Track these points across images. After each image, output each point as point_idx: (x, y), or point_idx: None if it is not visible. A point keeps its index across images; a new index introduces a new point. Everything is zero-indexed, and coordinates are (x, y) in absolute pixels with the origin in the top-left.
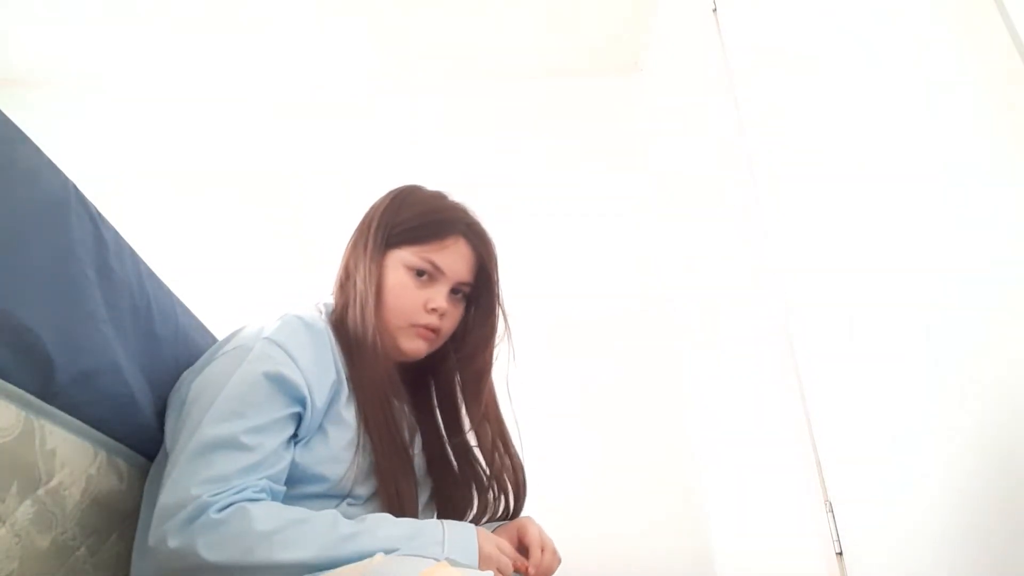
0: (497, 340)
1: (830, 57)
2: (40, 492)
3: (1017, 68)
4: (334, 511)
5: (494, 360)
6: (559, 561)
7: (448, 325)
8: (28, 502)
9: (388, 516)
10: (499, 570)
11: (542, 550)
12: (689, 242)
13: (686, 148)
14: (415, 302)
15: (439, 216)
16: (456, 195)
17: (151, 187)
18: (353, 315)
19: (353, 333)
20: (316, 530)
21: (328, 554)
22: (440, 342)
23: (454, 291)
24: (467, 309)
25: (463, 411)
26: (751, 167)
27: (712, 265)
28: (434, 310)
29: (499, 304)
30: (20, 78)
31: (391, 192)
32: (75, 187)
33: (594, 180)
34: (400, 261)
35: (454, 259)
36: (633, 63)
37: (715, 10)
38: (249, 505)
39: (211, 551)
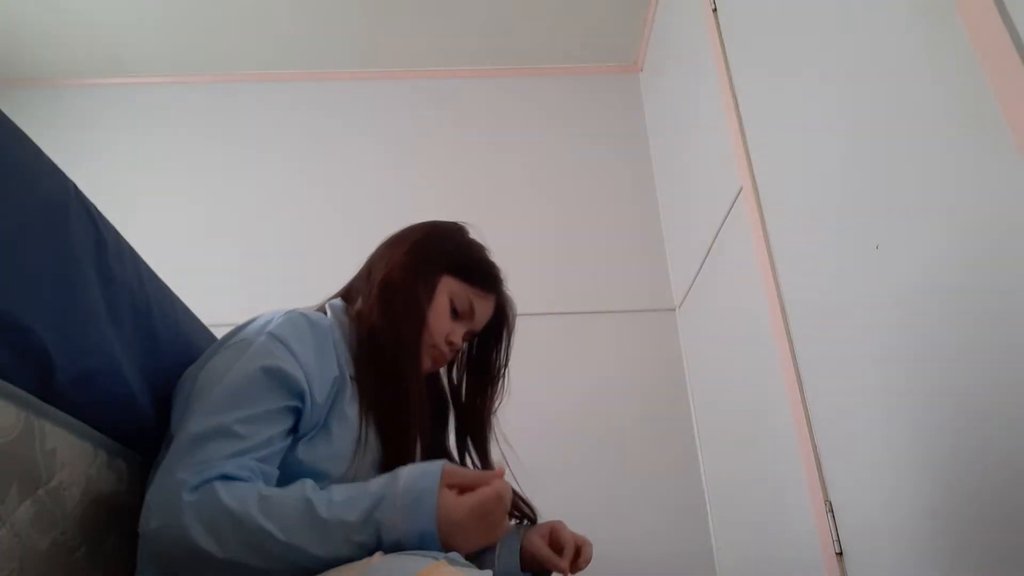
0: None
1: (830, 57)
2: (40, 492)
3: (1017, 68)
4: (305, 482)
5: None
6: (591, 549)
7: (449, 359)
8: (28, 502)
9: (355, 489)
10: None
11: (579, 547)
12: (689, 243)
13: (686, 148)
14: (443, 328)
15: (490, 269)
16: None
17: (151, 186)
18: (405, 322)
19: (402, 339)
20: (282, 506)
21: (290, 534)
22: (433, 371)
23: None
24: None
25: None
26: (751, 167)
27: (713, 266)
28: (452, 343)
29: (506, 366)
30: (21, 78)
31: (452, 223)
32: (75, 187)
33: (594, 179)
34: (448, 288)
35: (484, 311)
36: (633, 63)
37: (715, 10)
38: (219, 484)
39: (188, 529)
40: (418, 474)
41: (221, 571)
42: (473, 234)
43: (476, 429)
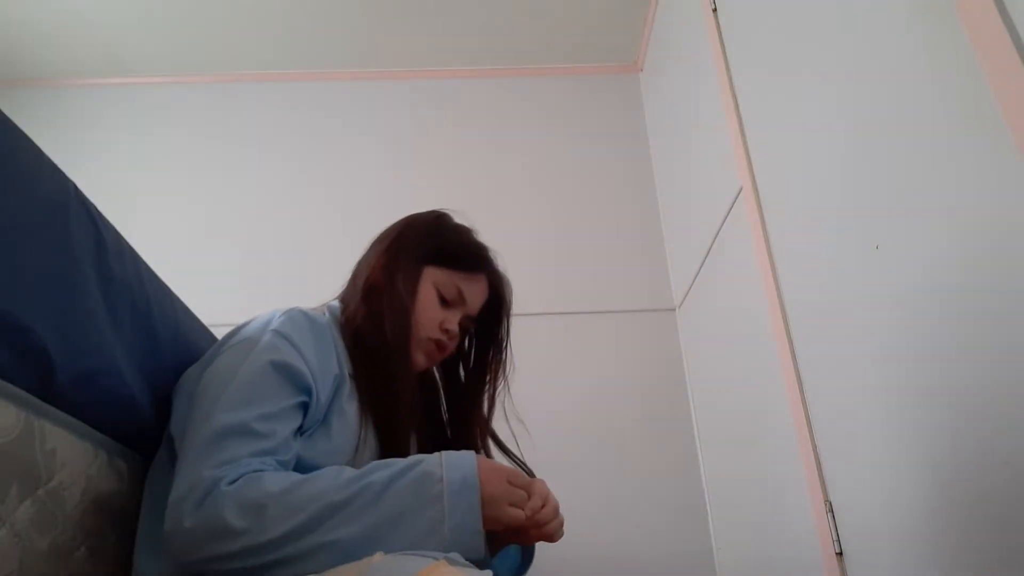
0: (501, 378)
1: (830, 57)
2: (40, 492)
3: (1017, 68)
4: (339, 467)
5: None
6: (560, 522)
7: (451, 348)
8: (28, 502)
9: (389, 466)
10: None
11: (544, 502)
12: (689, 243)
13: (686, 148)
14: (434, 318)
15: (474, 250)
16: (459, 215)
17: (151, 186)
18: (390, 323)
19: (389, 339)
20: (323, 484)
21: (333, 500)
22: (435, 362)
23: (459, 321)
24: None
25: (445, 419)
26: (751, 167)
27: (713, 266)
28: (446, 331)
29: (508, 345)
30: (21, 78)
31: (429, 213)
32: (75, 187)
33: (594, 179)
34: (431, 279)
35: (475, 293)
36: (633, 63)
37: (715, 10)
38: (257, 474)
39: (227, 518)
40: (454, 451)
41: (257, 555)
42: (456, 219)
43: (479, 405)
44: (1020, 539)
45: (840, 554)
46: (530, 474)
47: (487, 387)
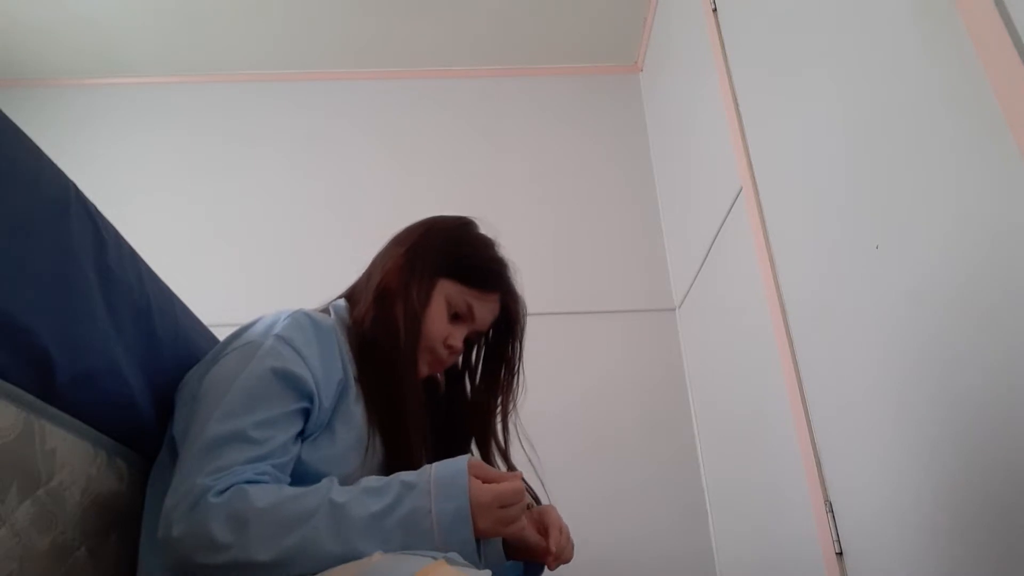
0: (513, 393)
1: (830, 57)
2: (40, 492)
3: (1017, 68)
4: (330, 481)
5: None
6: (573, 548)
7: (452, 362)
8: (28, 502)
9: (379, 493)
10: (509, 523)
11: (561, 532)
12: (689, 243)
13: (686, 148)
14: (440, 333)
15: (492, 267)
16: (485, 226)
17: (151, 186)
18: (400, 330)
19: (396, 347)
20: (309, 504)
21: (318, 525)
22: (436, 372)
23: (467, 336)
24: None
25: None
26: (751, 167)
27: (713, 266)
28: (450, 347)
29: (520, 368)
30: (20, 78)
31: (453, 219)
32: (75, 187)
33: (594, 179)
34: (444, 292)
35: (486, 312)
36: (633, 63)
37: (715, 10)
38: (247, 486)
39: (212, 531)
40: (447, 463)
41: (243, 572)
42: (481, 228)
43: (492, 427)
44: (1020, 539)
45: (840, 554)
46: (537, 501)
47: (498, 408)
